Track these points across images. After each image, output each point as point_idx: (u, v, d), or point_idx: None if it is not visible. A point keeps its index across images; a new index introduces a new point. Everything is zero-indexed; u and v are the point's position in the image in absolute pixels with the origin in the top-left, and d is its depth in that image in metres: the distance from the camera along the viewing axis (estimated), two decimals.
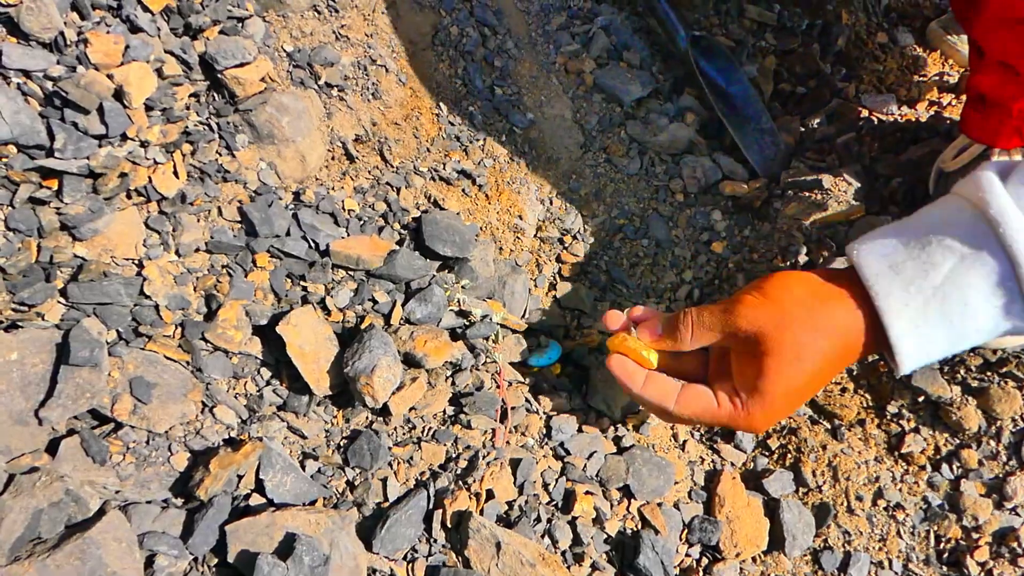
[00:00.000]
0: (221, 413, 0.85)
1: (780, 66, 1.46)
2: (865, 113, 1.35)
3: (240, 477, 0.81)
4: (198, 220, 0.91)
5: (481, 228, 1.13)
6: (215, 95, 0.94)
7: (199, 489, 0.77)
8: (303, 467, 0.86)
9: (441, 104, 1.14)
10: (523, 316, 1.14)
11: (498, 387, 0.96)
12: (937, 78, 1.44)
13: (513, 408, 0.95)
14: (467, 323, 1.02)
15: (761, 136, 1.29)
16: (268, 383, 0.89)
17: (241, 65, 0.92)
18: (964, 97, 1.36)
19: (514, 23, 1.24)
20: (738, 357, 0.72)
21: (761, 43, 1.41)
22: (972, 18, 0.98)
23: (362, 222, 1.02)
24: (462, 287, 1.02)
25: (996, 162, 0.66)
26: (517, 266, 1.18)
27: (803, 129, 1.36)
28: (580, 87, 1.26)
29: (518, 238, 1.18)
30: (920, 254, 0.65)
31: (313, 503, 0.83)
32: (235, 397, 0.88)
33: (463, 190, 1.12)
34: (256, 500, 0.81)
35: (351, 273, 0.98)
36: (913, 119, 1.32)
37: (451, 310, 1.00)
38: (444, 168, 1.11)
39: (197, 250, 0.90)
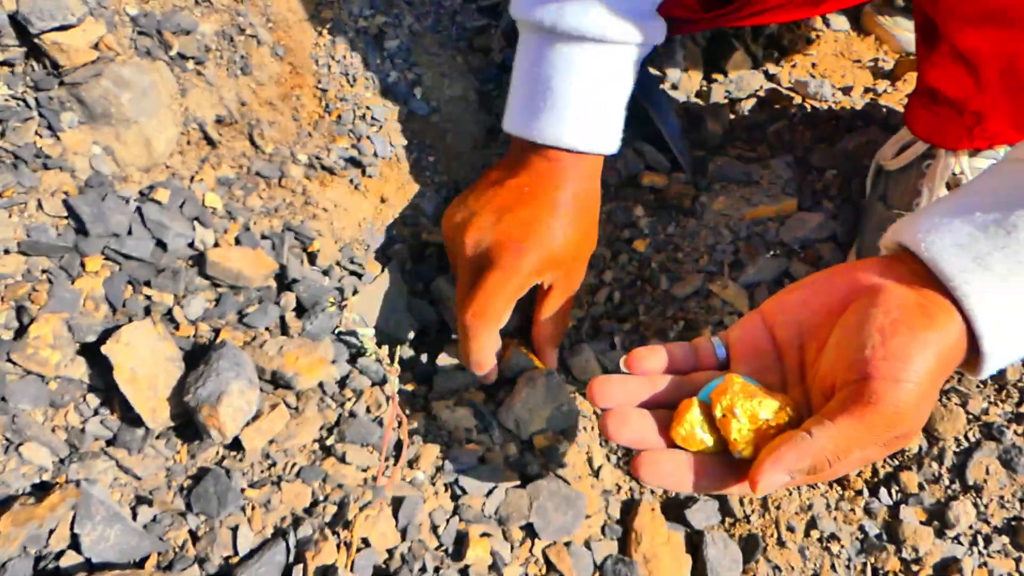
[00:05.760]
0: (30, 452, 0.70)
1: (709, 51, 1.36)
2: (798, 100, 1.26)
3: (52, 532, 0.66)
4: (9, 215, 0.75)
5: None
6: (34, 65, 0.77)
7: None
8: (135, 515, 0.70)
9: (325, 83, 0.99)
10: None
11: (394, 413, 0.82)
12: (872, 64, 1.35)
13: (410, 436, 0.82)
14: (360, 348, 0.87)
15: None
16: (96, 413, 0.74)
17: (64, 28, 0.76)
18: (900, 84, 1.28)
19: None
20: None
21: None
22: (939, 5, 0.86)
23: (226, 220, 0.87)
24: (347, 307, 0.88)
25: None
26: None
27: (732, 117, 1.25)
28: (488, 67, 1.13)
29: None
30: (1007, 241, 0.54)
31: (143, 561, 0.68)
32: (52, 431, 0.72)
33: (351, 181, 0.98)
34: (71, 559, 0.66)
35: (215, 282, 0.83)
36: (848, 107, 1.23)
37: (340, 332, 0.86)
38: (328, 155, 0.96)
39: (7, 252, 0.74)
